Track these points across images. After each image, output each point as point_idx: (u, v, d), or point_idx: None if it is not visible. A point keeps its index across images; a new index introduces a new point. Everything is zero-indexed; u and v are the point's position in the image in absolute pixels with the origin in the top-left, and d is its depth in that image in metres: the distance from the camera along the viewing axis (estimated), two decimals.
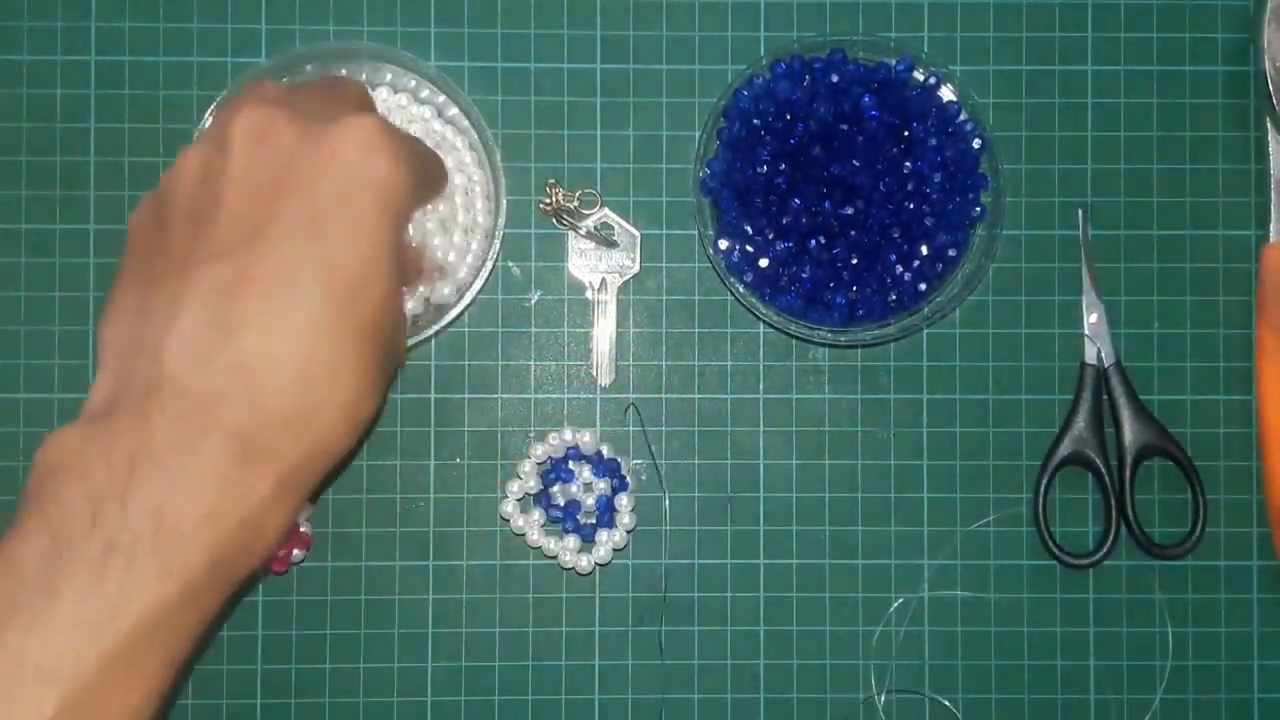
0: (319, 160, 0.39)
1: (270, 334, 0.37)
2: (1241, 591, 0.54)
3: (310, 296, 0.37)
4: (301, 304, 0.37)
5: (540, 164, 0.54)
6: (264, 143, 0.39)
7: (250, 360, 0.37)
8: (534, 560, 0.53)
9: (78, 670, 0.33)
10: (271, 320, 0.37)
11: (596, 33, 0.54)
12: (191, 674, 0.52)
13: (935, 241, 0.51)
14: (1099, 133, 0.55)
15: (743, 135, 0.51)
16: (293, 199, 0.38)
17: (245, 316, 0.37)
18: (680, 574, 0.54)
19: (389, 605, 0.53)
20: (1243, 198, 0.55)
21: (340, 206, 0.39)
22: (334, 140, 0.39)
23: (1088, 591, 0.54)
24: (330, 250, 0.38)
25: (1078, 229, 0.54)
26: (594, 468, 0.53)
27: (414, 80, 0.52)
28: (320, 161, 0.39)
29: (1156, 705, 0.54)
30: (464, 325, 0.54)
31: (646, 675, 0.53)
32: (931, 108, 0.52)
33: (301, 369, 0.37)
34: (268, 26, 0.54)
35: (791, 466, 0.54)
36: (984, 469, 0.54)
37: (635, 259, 0.54)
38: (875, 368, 0.54)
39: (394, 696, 0.53)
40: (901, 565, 0.54)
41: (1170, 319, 0.54)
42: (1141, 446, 0.53)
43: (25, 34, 0.53)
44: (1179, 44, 0.55)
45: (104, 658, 0.34)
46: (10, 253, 0.53)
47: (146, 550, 0.34)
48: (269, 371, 0.37)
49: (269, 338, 0.37)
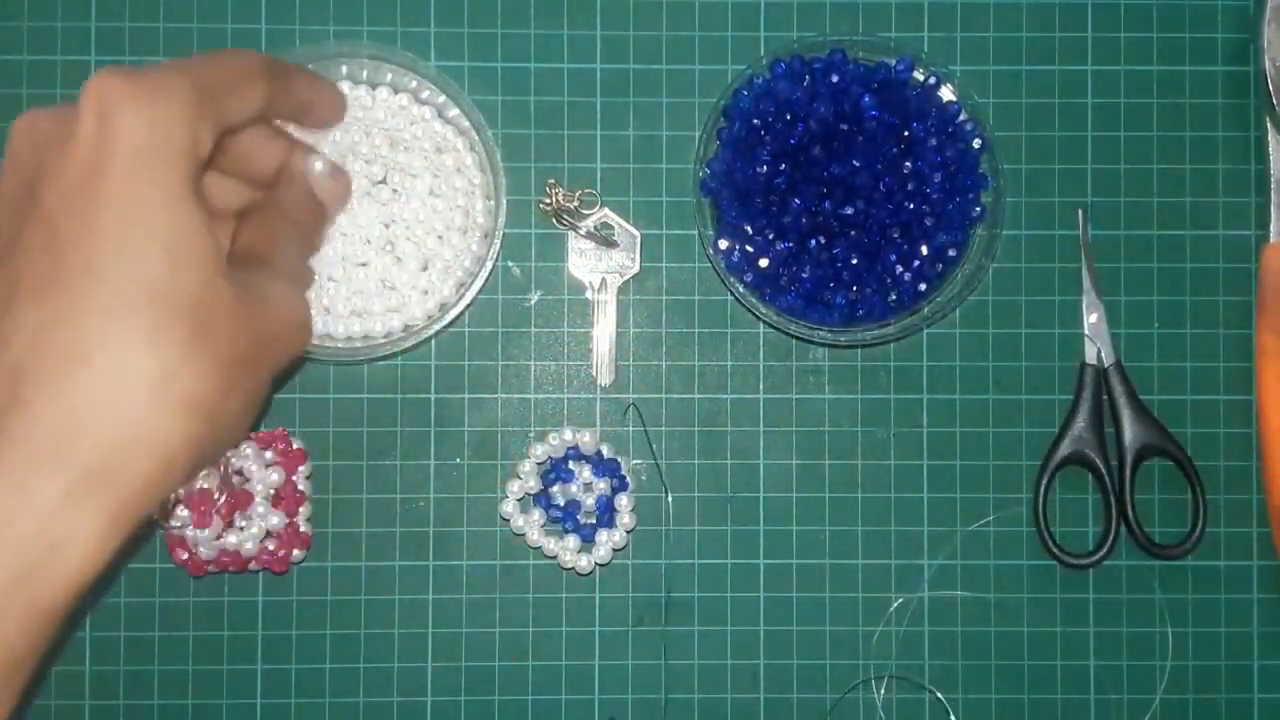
0: (69, 148, 0.34)
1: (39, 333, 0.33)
2: (1241, 591, 0.54)
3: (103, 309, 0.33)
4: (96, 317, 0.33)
5: (540, 164, 0.54)
6: (30, 128, 0.36)
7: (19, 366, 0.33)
8: (534, 560, 0.53)
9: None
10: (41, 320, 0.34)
11: (596, 33, 0.54)
12: (187, 669, 0.52)
13: (935, 241, 0.51)
14: (1099, 133, 0.55)
15: (743, 135, 0.51)
16: (52, 199, 0.34)
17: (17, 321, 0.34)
18: (680, 574, 0.54)
19: (389, 605, 0.53)
20: (1243, 198, 0.55)
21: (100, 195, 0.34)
22: (80, 113, 0.34)
23: (1088, 591, 0.54)
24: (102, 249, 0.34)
25: (1078, 229, 0.54)
26: (594, 468, 0.53)
27: (414, 80, 0.52)
28: (69, 148, 0.34)
29: (1156, 705, 0.54)
30: (464, 325, 0.54)
31: (646, 675, 0.53)
32: (931, 108, 0.52)
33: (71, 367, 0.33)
34: (268, 26, 0.54)
35: (791, 466, 0.54)
36: (984, 469, 0.54)
37: (635, 259, 0.54)
38: (875, 368, 0.54)
39: (394, 696, 0.53)
40: (901, 565, 0.54)
41: (1170, 319, 0.54)
42: (1141, 446, 0.53)
43: (25, 34, 0.53)
44: (1179, 44, 0.55)
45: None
46: None
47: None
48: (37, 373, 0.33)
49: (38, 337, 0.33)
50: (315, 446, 0.53)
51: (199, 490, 0.50)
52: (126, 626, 0.53)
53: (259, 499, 0.51)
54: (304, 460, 0.52)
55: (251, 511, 0.51)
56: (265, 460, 0.51)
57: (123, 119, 0.34)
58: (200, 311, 0.35)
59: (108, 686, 0.52)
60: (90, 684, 0.52)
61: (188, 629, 0.53)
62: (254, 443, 0.51)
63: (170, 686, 0.53)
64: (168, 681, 0.53)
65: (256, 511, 0.51)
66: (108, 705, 0.52)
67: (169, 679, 0.53)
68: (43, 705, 0.52)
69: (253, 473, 0.51)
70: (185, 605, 0.53)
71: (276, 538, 0.51)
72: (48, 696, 0.52)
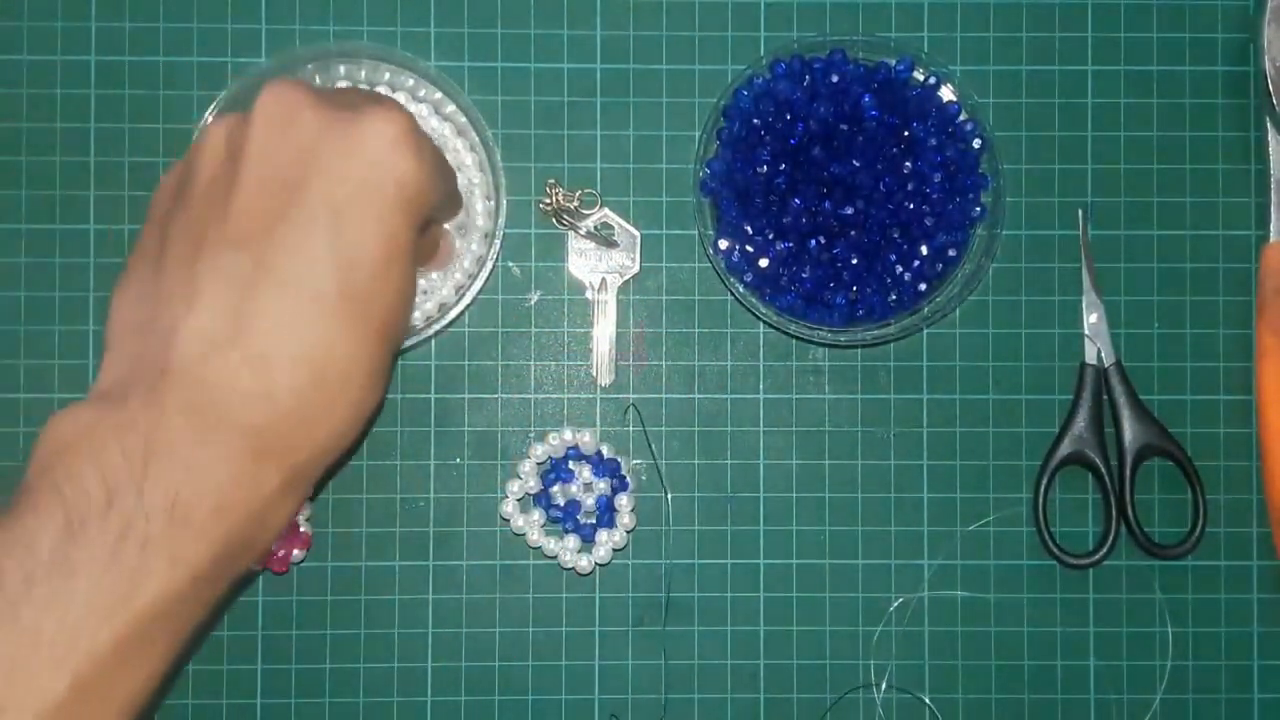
0: (344, 150, 0.38)
1: (285, 329, 0.37)
2: (1241, 591, 0.54)
3: (327, 293, 0.37)
4: (318, 301, 0.37)
5: (540, 164, 0.54)
6: (288, 126, 0.38)
7: (265, 355, 0.37)
8: (534, 560, 0.53)
9: (91, 650, 0.33)
10: (287, 315, 0.37)
11: (596, 33, 0.54)
12: (187, 669, 0.52)
13: (935, 241, 0.51)
14: (1099, 133, 0.55)
15: (743, 135, 0.51)
16: (314, 188, 0.37)
17: (261, 309, 0.37)
18: (680, 574, 0.54)
19: (389, 605, 0.53)
20: (1243, 198, 0.55)
21: (363, 201, 0.38)
22: (362, 131, 0.38)
23: (1088, 591, 0.54)
24: (351, 246, 0.37)
25: (1078, 229, 0.54)
26: (594, 468, 0.53)
27: (413, 80, 0.52)
28: (345, 151, 0.38)
29: (1156, 705, 0.54)
30: (464, 325, 0.54)
31: (647, 675, 0.53)
32: (931, 108, 0.52)
33: (316, 367, 0.37)
34: (268, 26, 0.54)
35: (791, 466, 0.54)
36: (984, 469, 0.54)
37: (635, 259, 0.54)
38: (875, 368, 0.54)
39: (394, 697, 0.53)
40: (901, 565, 0.54)
41: (1170, 319, 0.54)
42: (1141, 446, 0.53)
43: (25, 34, 0.53)
44: (1179, 44, 0.55)
45: (115, 639, 0.34)
46: (10, 253, 0.53)
47: (159, 538, 0.34)
48: (283, 368, 0.37)
49: (284, 333, 0.37)
50: None
51: None
52: None
53: None
54: None
55: None
56: None
57: (398, 161, 0.38)
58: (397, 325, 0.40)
59: None
60: None
61: None
62: None
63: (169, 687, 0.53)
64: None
65: None
66: None
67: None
68: None
69: None
70: None
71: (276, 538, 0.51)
72: None
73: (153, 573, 0.34)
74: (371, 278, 0.38)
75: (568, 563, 0.52)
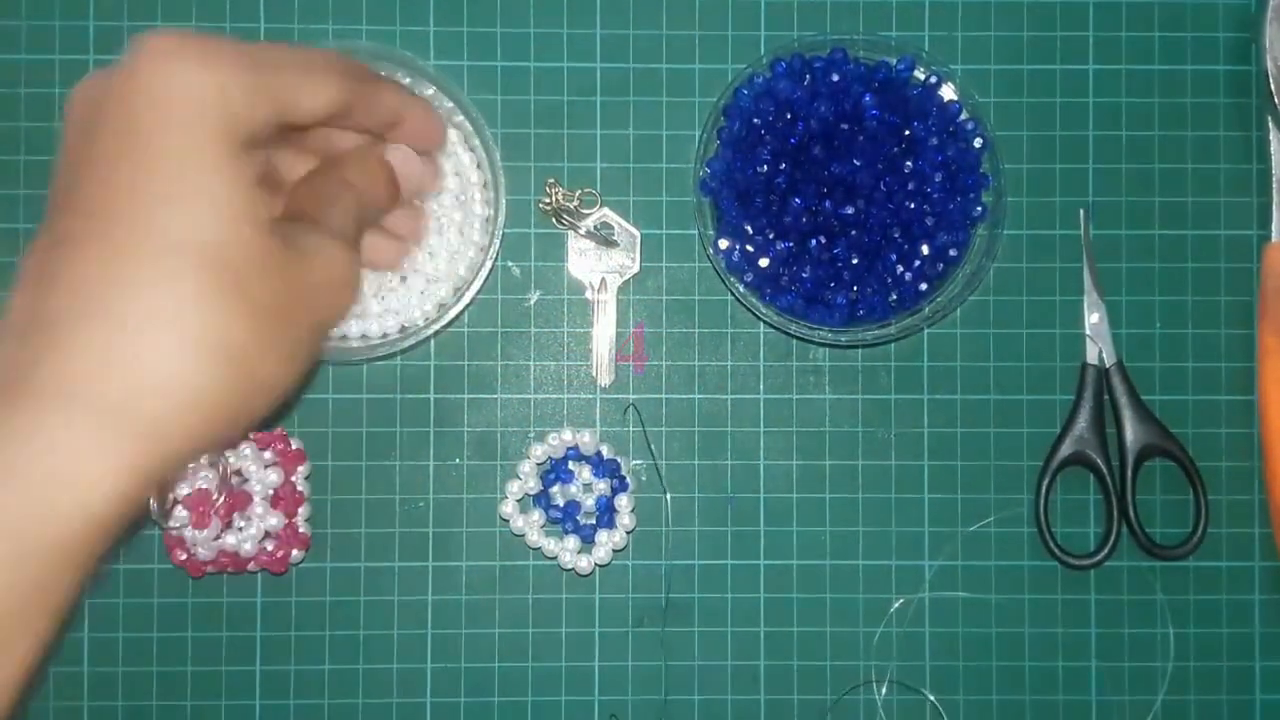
0: (123, 92, 0.34)
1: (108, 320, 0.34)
2: (1243, 592, 0.54)
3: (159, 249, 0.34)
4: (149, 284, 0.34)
5: (540, 164, 0.54)
6: (91, 88, 0.36)
7: (116, 346, 0.33)
8: (534, 561, 0.53)
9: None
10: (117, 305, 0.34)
11: (596, 32, 0.54)
12: (186, 669, 0.52)
13: (936, 241, 0.51)
14: (1100, 132, 0.55)
15: (743, 134, 0.51)
16: (99, 152, 0.35)
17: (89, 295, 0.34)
18: (680, 574, 0.53)
19: (388, 606, 0.53)
20: (1244, 197, 0.55)
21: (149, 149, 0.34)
22: (134, 65, 0.34)
23: (1089, 592, 0.54)
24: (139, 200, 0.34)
25: (1079, 229, 0.54)
26: (594, 468, 0.53)
27: (412, 78, 0.52)
28: (123, 96, 0.34)
29: (1158, 706, 0.54)
30: (464, 325, 0.53)
31: (647, 676, 0.53)
32: (932, 107, 0.51)
33: (143, 335, 0.34)
34: (267, 26, 0.54)
35: (792, 467, 0.54)
36: (985, 469, 0.54)
37: (635, 259, 0.54)
38: (875, 368, 0.54)
39: (393, 698, 0.53)
40: (902, 566, 0.54)
41: (1172, 319, 0.54)
42: (1143, 447, 0.53)
43: (24, 33, 0.53)
44: (1180, 43, 0.55)
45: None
46: (10, 253, 0.53)
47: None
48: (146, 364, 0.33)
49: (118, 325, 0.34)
50: (314, 447, 0.53)
51: (197, 490, 0.50)
52: (125, 627, 0.53)
53: (258, 499, 0.51)
54: (303, 460, 0.52)
55: (250, 512, 0.51)
56: (264, 460, 0.51)
57: (174, 74, 0.34)
58: (237, 262, 0.35)
59: (106, 687, 0.52)
60: (89, 685, 0.52)
61: (186, 630, 0.53)
62: (253, 443, 0.51)
63: (169, 687, 0.52)
64: (166, 682, 0.53)
65: (255, 512, 0.51)
66: (106, 706, 0.52)
67: (168, 680, 0.53)
68: (42, 706, 0.52)
69: (251, 473, 0.51)
70: (184, 606, 0.53)
71: (275, 538, 0.51)
72: (47, 697, 0.52)
73: None
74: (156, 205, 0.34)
75: (567, 563, 0.52)
